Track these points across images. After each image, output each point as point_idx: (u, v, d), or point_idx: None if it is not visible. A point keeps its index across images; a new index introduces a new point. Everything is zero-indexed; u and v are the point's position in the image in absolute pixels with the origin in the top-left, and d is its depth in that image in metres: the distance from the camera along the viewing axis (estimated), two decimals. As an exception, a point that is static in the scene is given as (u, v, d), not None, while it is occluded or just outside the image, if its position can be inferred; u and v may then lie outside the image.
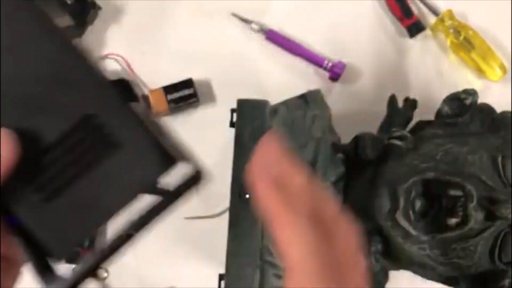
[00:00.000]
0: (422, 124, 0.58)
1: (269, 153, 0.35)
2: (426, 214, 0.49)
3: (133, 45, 0.70)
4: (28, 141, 0.32)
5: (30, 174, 0.32)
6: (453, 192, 0.47)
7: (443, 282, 0.55)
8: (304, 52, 0.69)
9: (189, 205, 0.67)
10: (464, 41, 0.68)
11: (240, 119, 0.53)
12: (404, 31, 0.70)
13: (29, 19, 0.33)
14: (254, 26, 0.69)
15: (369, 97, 0.70)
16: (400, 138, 0.52)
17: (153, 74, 0.70)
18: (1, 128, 0.31)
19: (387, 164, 0.53)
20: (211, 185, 0.68)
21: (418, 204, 0.48)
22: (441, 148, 0.50)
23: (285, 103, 0.56)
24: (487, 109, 0.55)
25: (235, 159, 0.52)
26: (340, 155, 0.55)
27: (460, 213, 0.46)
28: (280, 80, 0.70)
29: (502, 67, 0.69)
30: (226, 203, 0.53)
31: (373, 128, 0.62)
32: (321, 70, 0.69)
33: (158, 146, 0.34)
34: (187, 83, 0.67)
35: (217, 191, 0.67)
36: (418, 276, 0.55)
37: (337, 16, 0.71)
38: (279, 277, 0.52)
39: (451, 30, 0.69)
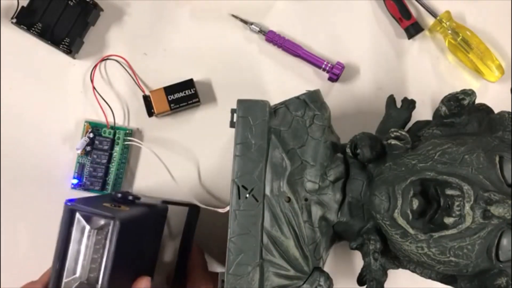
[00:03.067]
0: (420, 124, 0.58)
1: None
2: (424, 214, 0.49)
3: (135, 46, 0.71)
4: None
5: None
6: (451, 192, 0.47)
7: (441, 280, 0.55)
8: (303, 53, 0.69)
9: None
10: (462, 42, 0.69)
11: (240, 119, 0.54)
12: (403, 32, 0.71)
13: None
14: (254, 27, 0.70)
15: (368, 98, 0.70)
16: (398, 138, 0.52)
17: (154, 75, 0.70)
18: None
19: (385, 164, 0.53)
20: (211, 185, 0.69)
21: (416, 203, 0.48)
22: (439, 148, 0.50)
23: (285, 103, 0.56)
24: (484, 110, 0.56)
25: (235, 158, 0.53)
26: (339, 155, 0.56)
27: (458, 213, 0.46)
28: (279, 81, 0.71)
29: (500, 68, 0.69)
30: (226, 202, 0.53)
31: (371, 128, 0.62)
32: (320, 71, 0.70)
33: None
34: (188, 84, 0.68)
35: (217, 191, 0.68)
36: (416, 275, 0.56)
37: (336, 17, 0.72)
38: (279, 275, 0.52)
39: (449, 31, 0.69)
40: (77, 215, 0.49)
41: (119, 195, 0.56)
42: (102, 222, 0.49)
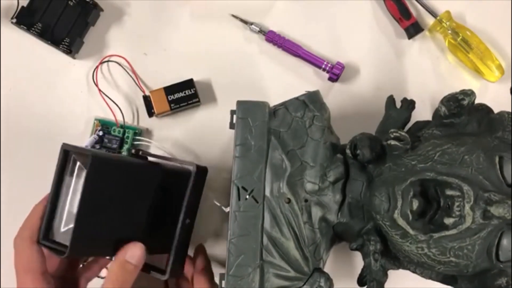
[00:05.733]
0: (420, 125, 0.58)
1: None
2: (423, 214, 0.49)
3: (135, 46, 0.71)
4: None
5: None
6: (451, 192, 0.47)
7: (442, 281, 0.55)
8: (303, 54, 0.69)
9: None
10: (462, 42, 0.69)
11: (239, 120, 0.54)
12: (403, 32, 0.71)
13: None
14: (254, 27, 0.70)
15: (368, 98, 0.70)
16: (398, 138, 0.52)
17: (154, 75, 0.70)
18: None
19: (385, 164, 0.53)
20: (211, 185, 0.69)
21: (415, 204, 0.48)
22: (439, 149, 0.50)
23: (284, 104, 0.56)
24: (484, 109, 0.56)
25: (235, 160, 0.53)
26: (339, 156, 0.56)
27: (458, 213, 0.47)
28: (279, 81, 0.71)
29: (500, 68, 0.69)
30: (226, 204, 0.53)
31: (371, 128, 0.62)
32: (320, 71, 0.70)
33: None
34: (188, 84, 0.68)
35: (217, 192, 0.68)
36: (417, 276, 0.56)
37: (336, 17, 0.72)
38: (279, 276, 0.52)
39: (449, 31, 0.69)
40: (72, 156, 0.49)
41: (133, 150, 0.57)
42: (87, 161, 0.47)
